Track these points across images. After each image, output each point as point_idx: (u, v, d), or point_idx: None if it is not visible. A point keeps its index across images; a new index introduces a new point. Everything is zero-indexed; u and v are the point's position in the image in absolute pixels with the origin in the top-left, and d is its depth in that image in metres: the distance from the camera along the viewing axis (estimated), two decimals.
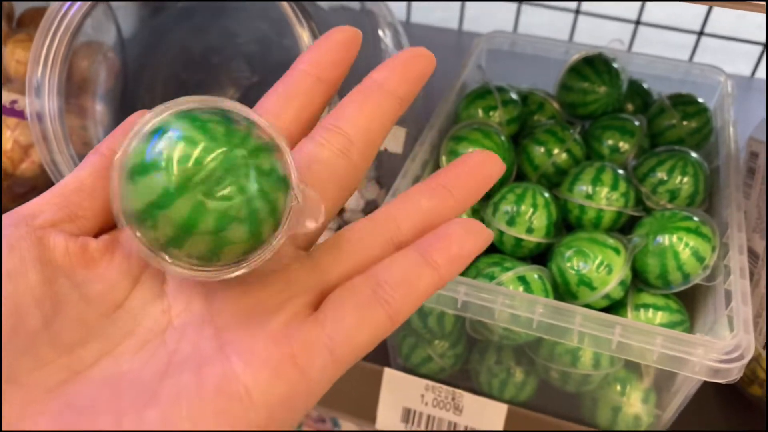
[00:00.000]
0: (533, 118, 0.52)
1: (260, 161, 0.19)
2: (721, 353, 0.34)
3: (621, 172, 0.44)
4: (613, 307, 0.41)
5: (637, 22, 0.76)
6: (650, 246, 0.40)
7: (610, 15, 0.77)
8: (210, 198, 0.18)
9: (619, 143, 0.48)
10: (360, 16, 0.51)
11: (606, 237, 0.40)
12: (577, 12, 0.77)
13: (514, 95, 0.50)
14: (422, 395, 0.43)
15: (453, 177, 0.24)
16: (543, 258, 0.43)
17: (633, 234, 0.41)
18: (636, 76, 0.54)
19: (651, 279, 0.40)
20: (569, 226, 0.45)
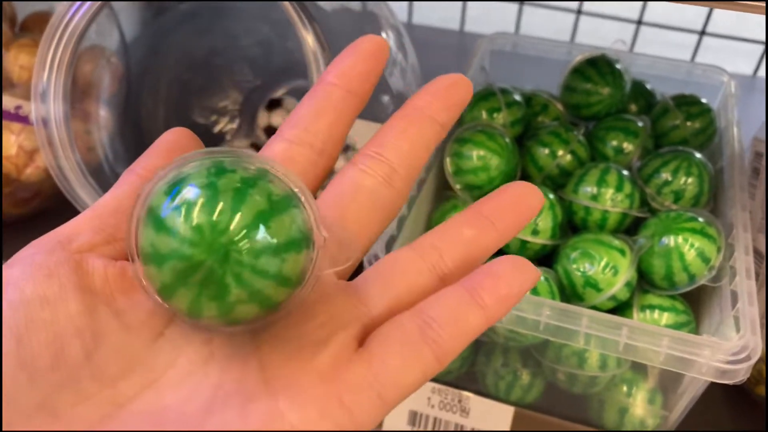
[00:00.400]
0: (537, 119, 0.52)
1: (258, 236, 0.18)
2: (727, 354, 0.34)
3: (626, 173, 0.44)
4: (619, 309, 0.41)
5: (639, 22, 0.76)
6: (656, 247, 0.40)
7: (611, 15, 0.77)
8: (203, 294, 0.18)
9: (623, 144, 0.48)
10: (362, 17, 0.51)
11: (611, 238, 0.40)
12: (579, 12, 0.77)
13: (517, 97, 0.50)
14: (428, 398, 0.43)
15: (495, 208, 0.23)
16: (548, 260, 0.43)
17: (638, 235, 0.41)
18: (639, 77, 0.54)
19: (657, 280, 0.40)
20: (574, 227, 0.45)
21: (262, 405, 0.19)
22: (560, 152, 0.47)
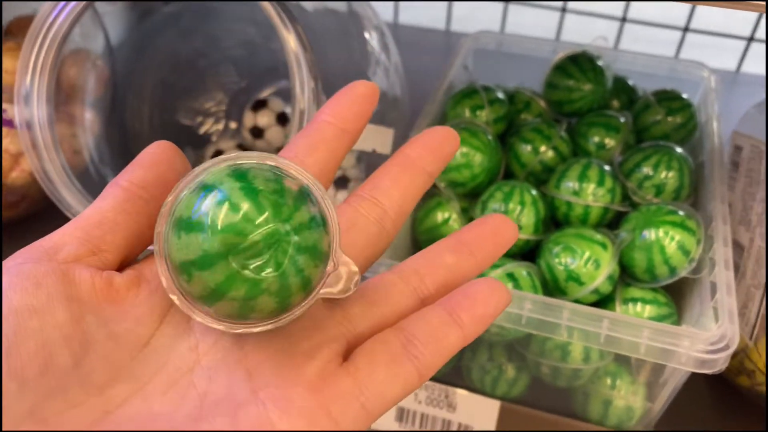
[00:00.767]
0: (520, 116, 0.52)
1: (303, 237, 0.19)
2: (706, 344, 0.34)
3: (607, 168, 0.44)
4: (602, 302, 0.41)
5: (623, 20, 0.77)
6: (637, 241, 0.40)
7: (596, 13, 0.78)
8: (245, 270, 0.19)
9: (604, 140, 0.48)
10: (345, 18, 0.52)
11: (593, 232, 0.41)
12: (564, 10, 0.77)
13: (500, 94, 0.51)
14: (416, 393, 0.43)
15: (474, 237, 0.25)
16: (531, 255, 0.43)
17: (620, 229, 0.42)
18: (621, 73, 0.55)
19: (638, 273, 0.41)
20: (557, 222, 0.45)
21: (251, 411, 0.19)
22: (542, 148, 0.47)
